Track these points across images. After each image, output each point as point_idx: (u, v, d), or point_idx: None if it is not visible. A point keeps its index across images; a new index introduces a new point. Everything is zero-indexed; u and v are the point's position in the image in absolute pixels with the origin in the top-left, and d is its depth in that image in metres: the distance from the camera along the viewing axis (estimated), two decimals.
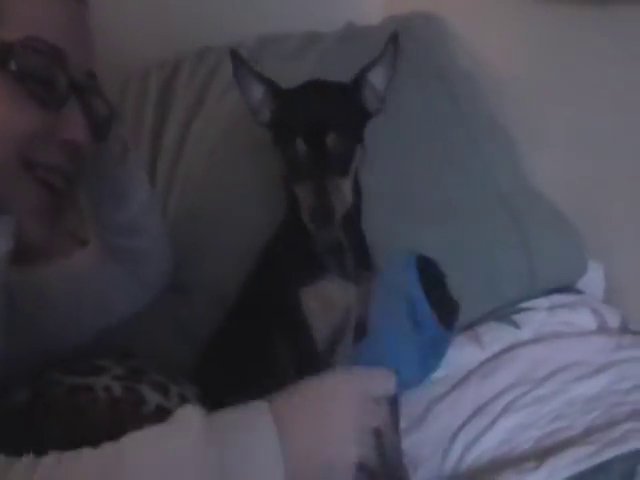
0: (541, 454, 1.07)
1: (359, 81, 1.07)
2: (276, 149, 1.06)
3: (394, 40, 1.08)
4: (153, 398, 0.92)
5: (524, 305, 1.40)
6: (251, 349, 1.03)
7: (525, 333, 1.34)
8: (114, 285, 1.14)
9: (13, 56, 0.75)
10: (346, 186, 1.00)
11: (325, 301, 1.06)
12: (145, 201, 1.09)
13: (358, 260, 1.10)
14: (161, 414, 0.91)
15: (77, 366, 0.95)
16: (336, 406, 0.75)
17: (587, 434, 1.10)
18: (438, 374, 1.27)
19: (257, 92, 1.07)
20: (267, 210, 1.28)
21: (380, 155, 1.10)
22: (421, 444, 1.15)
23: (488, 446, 1.13)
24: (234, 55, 1.06)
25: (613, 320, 1.38)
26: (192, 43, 1.65)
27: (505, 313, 1.38)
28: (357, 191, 1.08)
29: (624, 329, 1.37)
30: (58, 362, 0.97)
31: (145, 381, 0.94)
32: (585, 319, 1.37)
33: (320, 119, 1.00)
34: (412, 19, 1.72)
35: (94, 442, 0.70)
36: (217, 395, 1.02)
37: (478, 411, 1.18)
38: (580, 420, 1.14)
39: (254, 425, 0.72)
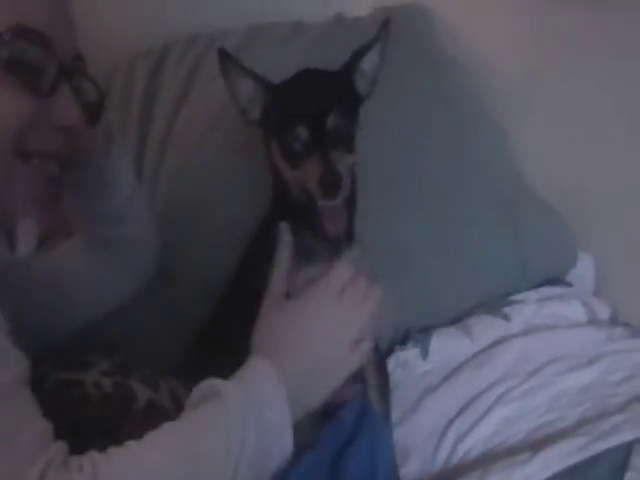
0: (533, 446, 1.07)
1: (350, 66, 1.07)
2: (269, 142, 1.04)
3: (386, 26, 1.08)
4: (144, 393, 0.91)
5: (514, 297, 1.40)
6: (242, 336, 1.01)
7: (515, 325, 1.34)
8: (100, 276, 1.12)
9: (2, 45, 0.74)
10: (350, 161, 1.00)
11: None
12: (131, 191, 1.07)
13: (347, 249, 1.08)
14: (152, 409, 0.90)
15: (65, 360, 0.93)
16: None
17: (578, 426, 1.10)
18: (428, 366, 1.28)
19: (246, 89, 1.05)
20: (255, 198, 1.26)
21: (367, 142, 1.09)
22: (413, 436, 1.15)
23: (480, 438, 1.13)
24: (221, 53, 1.03)
25: (603, 312, 1.38)
26: (180, 31, 1.62)
27: (495, 305, 1.38)
28: (353, 183, 1.07)
29: (614, 321, 1.37)
30: (45, 355, 0.94)
31: (134, 376, 0.93)
32: (575, 311, 1.38)
33: (318, 103, 0.99)
34: (401, 11, 1.70)
35: (87, 437, 0.68)
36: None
37: (469, 403, 1.18)
38: (571, 412, 1.15)
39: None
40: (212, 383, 0.81)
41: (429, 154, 1.47)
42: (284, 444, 0.81)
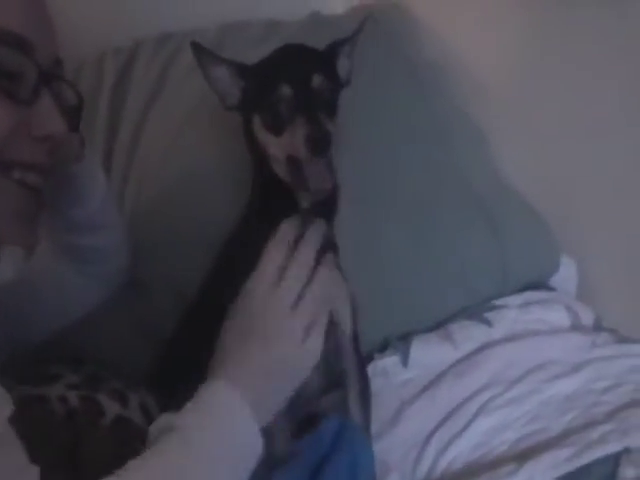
0: (518, 458, 1.05)
1: (334, 49, 1.07)
2: (250, 122, 1.02)
3: (363, 24, 1.10)
4: (112, 408, 0.87)
5: (496, 302, 1.38)
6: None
7: (498, 331, 1.31)
8: (69, 284, 1.09)
9: None
10: (335, 130, 0.97)
11: None
12: (103, 198, 1.04)
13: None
14: (120, 425, 0.86)
15: (28, 374, 0.88)
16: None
17: (565, 436, 1.08)
18: (409, 374, 1.25)
19: (224, 75, 1.04)
20: (229, 202, 1.22)
21: (345, 147, 1.07)
22: (393, 448, 1.11)
23: (462, 450, 1.10)
24: (195, 46, 1.03)
25: (587, 317, 1.36)
26: (150, 30, 1.57)
27: (477, 311, 1.35)
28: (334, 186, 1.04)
29: (598, 326, 1.35)
30: (6, 368, 0.90)
31: (103, 389, 0.89)
32: (559, 316, 1.35)
33: (302, 64, 0.99)
34: (378, 9, 1.68)
35: (48, 459, 0.64)
36: (178, 401, 0.97)
37: (452, 413, 1.15)
38: (557, 421, 1.13)
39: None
40: (169, 419, 0.76)
41: (408, 158, 1.44)
42: (255, 453, 0.78)
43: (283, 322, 0.84)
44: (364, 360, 1.12)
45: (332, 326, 1.01)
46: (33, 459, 0.67)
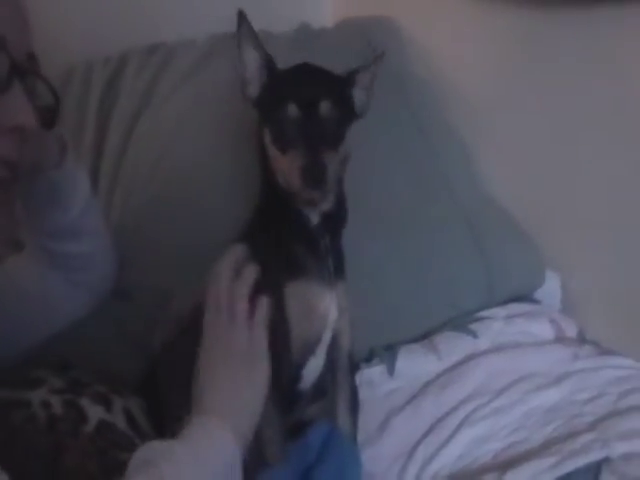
0: (501, 467, 1.05)
1: (350, 77, 1.05)
2: (262, 130, 1.01)
3: (381, 56, 1.09)
4: (95, 413, 0.86)
5: (481, 314, 1.38)
6: None
7: (482, 342, 1.31)
8: (53, 292, 1.08)
9: None
10: (337, 160, 0.97)
11: (306, 303, 1.01)
12: (84, 204, 1.03)
13: (335, 267, 1.06)
14: (103, 430, 0.85)
15: (9, 378, 0.87)
16: None
17: (547, 446, 1.09)
18: (394, 385, 1.25)
19: (254, 62, 1.03)
20: (218, 212, 1.23)
21: None
22: (378, 459, 1.11)
23: (447, 461, 1.10)
24: (240, 16, 1.02)
25: (570, 330, 1.37)
26: (139, 40, 1.58)
27: (462, 322, 1.36)
28: (341, 198, 1.06)
29: (581, 339, 1.36)
30: None
31: (86, 394, 0.88)
32: (542, 329, 1.36)
33: (314, 88, 0.98)
34: (366, 23, 1.69)
35: (27, 467, 0.63)
36: (166, 408, 0.97)
37: (436, 424, 1.15)
38: (539, 432, 1.13)
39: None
40: (153, 452, 0.78)
41: (394, 172, 1.44)
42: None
43: (234, 353, 0.90)
44: (355, 371, 1.12)
45: (332, 341, 1.04)
46: (11, 466, 0.67)
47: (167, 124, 1.42)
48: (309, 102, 0.95)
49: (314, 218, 1.01)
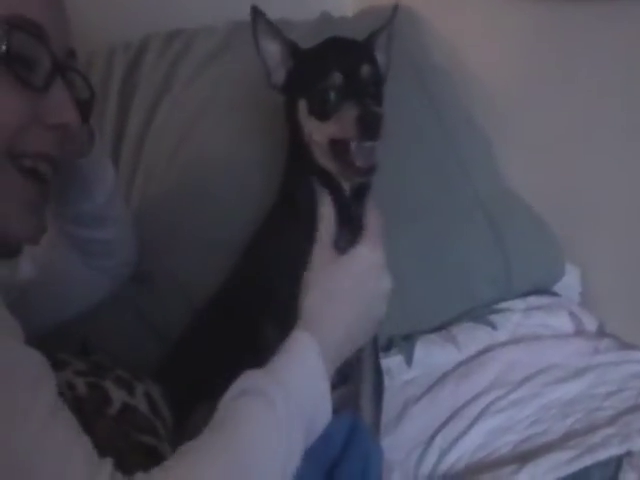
0: (519, 459, 1.05)
1: (371, 41, 1.06)
2: (294, 106, 1.00)
3: (394, 12, 1.08)
4: (119, 396, 0.86)
5: (500, 306, 1.38)
6: (238, 341, 0.96)
7: (501, 334, 1.31)
8: (76, 277, 1.09)
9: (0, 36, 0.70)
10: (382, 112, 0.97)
11: None
12: (110, 191, 1.04)
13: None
14: (127, 412, 0.85)
15: None
16: None
17: (566, 439, 1.08)
18: (412, 374, 1.25)
19: (275, 51, 1.02)
20: (238, 197, 1.23)
21: None
22: (396, 447, 1.11)
23: (465, 450, 1.10)
24: (254, 11, 1.01)
25: (590, 323, 1.36)
26: (160, 26, 1.58)
27: (481, 313, 1.35)
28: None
29: (601, 332, 1.35)
30: None
31: (109, 377, 0.88)
32: (562, 322, 1.36)
33: (352, 54, 0.98)
34: (386, 12, 1.68)
35: None
36: (185, 396, 0.97)
37: (455, 414, 1.15)
38: (558, 425, 1.13)
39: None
40: (253, 382, 0.77)
41: (413, 162, 1.44)
42: (326, 414, 0.81)
43: (380, 282, 0.95)
44: (379, 358, 1.11)
45: None
46: None
47: (187, 109, 1.42)
48: (351, 68, 0.95)
49: (346, 188, 0.99)
